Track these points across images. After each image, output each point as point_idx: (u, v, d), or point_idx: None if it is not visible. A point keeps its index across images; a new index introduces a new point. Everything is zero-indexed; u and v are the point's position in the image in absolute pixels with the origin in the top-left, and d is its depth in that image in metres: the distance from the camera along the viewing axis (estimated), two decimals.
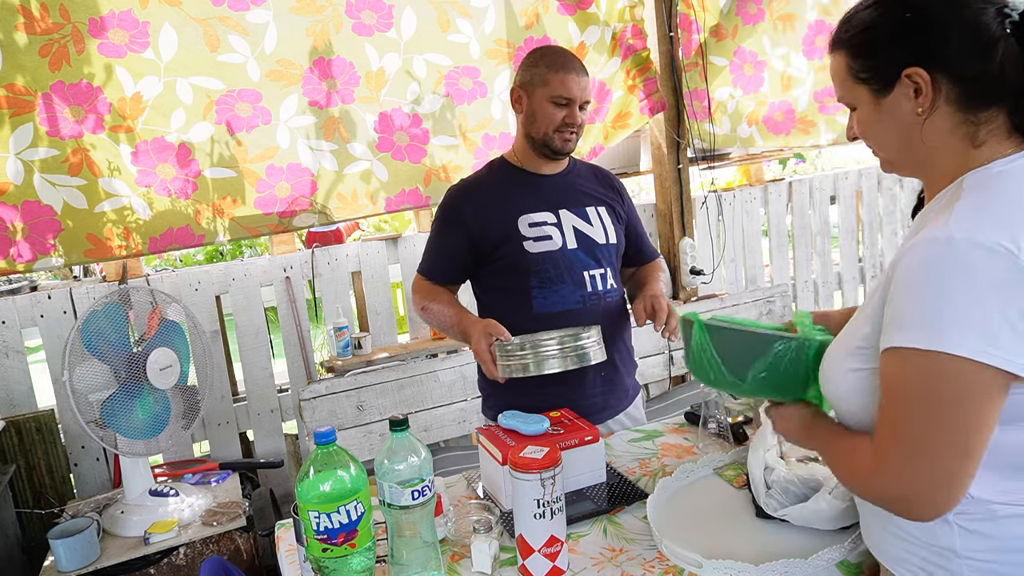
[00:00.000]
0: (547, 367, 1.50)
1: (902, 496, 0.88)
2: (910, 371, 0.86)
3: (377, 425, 2.62)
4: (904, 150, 0.97)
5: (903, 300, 0.86)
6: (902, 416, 0.87)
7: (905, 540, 0.98)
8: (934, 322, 0.83)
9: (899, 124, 0.95)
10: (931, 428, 0.85)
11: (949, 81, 0.90)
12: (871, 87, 0.95)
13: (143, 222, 2.38)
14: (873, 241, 4.23)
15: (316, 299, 3.31)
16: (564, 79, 1.69)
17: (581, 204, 1.81)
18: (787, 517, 1.24)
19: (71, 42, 2.21)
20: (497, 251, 1.75)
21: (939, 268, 0.83)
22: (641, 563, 1.19)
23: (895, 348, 0.86)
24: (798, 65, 3.57)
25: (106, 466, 2.59)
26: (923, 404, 0.85)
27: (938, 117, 0.92)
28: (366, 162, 2.69)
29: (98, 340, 2.05)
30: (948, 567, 0.93)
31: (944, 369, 0.83)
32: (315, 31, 2.54)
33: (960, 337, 0.81)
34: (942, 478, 0.85)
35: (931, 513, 0.87)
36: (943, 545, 0.93)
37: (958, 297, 0.82)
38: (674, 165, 3.31)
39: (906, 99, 0.92)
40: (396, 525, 1.11)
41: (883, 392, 0.90)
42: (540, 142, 1.75)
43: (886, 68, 0.93)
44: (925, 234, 0.87)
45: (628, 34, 3.10)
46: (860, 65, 0.96)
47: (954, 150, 0.93)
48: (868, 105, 0.97)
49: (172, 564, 2.10)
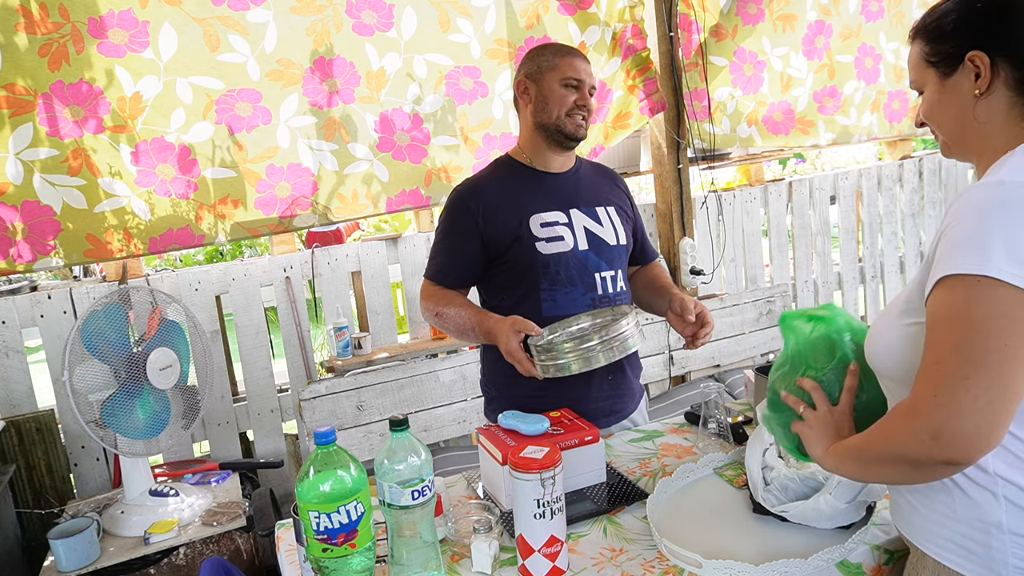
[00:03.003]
0: (592, 363, 1.43)
1: (938, 429, 0.84)
2: (954, 298, 0.87)
3: (377, 425, 2.62)
4: (959, 129, 1.03)
5: (952, 235, 0.90)
6: (945, 343, 0.87)
7: (942, 514, 0.97)
8: (981, 249, 0.85)
9: (958, 104, 1.01)
10: (968, 353, 0.84)
11: (1008, 66, 0.96)
12: (939, 70, 1.03)
13: (143, 222, 2.38)
14: (873, 241, 4.23)
15: (316, 299, 3.31)
16: (571, 62, 1.70)
17: (591, 204, 1.76)
18: (786, 514, 1.24)
19: (70, 42, 2.21)
20: (507, 252, 1.68)
21: (988, 203, 0.88)
22: (641, 563, 1.19)
23: (942, 279, 0.88)
24: (798, 65, 3.57)
25: (106, 466, 2.59)
26: (963, 329, 0.85)
27: (994, 98, 0.98)
28: (367, 162, 2.69)
29: (98, 340, 2.05)
30: (989, 543, 0.92)
31: (986, 293, 0.84)
32: (315, 31, 2.54)
33: (1004, 262, 0.84)
34: (981, 407, 0.82)
35: (968, 449, 0.83)
36: (986, 519, 0.92)
37: (1005, 228, 0.85)
38: (674, 165, 3.31)
39: (967, 81, 0.99)
40: (396, 525, 1.11)
41: (928, 324, 0.90)
42: (553, 127, 1.70)
43: (953, 51, 1.00)
44: (976, 183, 0.92)
45: (628, 34, 3.10)
46: (932, 49, 1.03)
47: (1007, 130, 0.99)
48: (934, 87, 1.04)
49: (172, 564, 2.10)
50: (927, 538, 1.00)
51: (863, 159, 7.95)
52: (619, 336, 1.44)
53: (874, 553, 1.17)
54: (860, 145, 4.94)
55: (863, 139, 3.91)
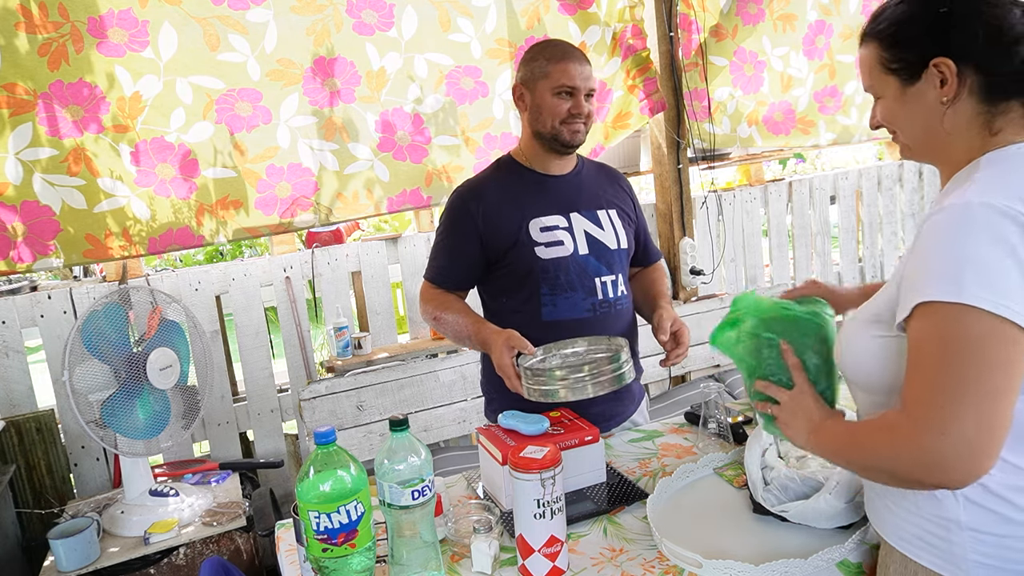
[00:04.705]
0: (579, 395, 1.41)
1: (936, 460, 0.85)
2: (932, 326, 0.87)
3: (377, 425, 2.62)
4: (925, 136, 1.03)
5: (925, 259, 0.90)
6: (927, 372, 0.88)
7: (907, 511, 1.00)
8: (955, 276, 0.86)
9: (923, 111, 1.00)
10: (956, 382, 0.85)
11: (974, 73, 0.95)
12: (900, 77, 1.01)
13: (143, 223, 2.38)
14: (873, 241, 4.23)
15: (316, 299, 3.31)
16: (565, 68, 1.63)
17: (592, 207, 1.74)
18: (785, 513, 1.24)
19: (70, 41, 2.21)
20: (507, 256, 1.67)
21: (958, 227, 0.88)
22: (641, 563, 1.19)
23: (920, 305, 0.89)
24: (798, 65, 3.57)
25: (106, 466, 2.59)
26: (946, 358, 0.86)
27: (960, 106, 0.97)
28: (367, 162, 2.69)
29: (98, 340, 2.05)
30: (949, 538, 0.95)
31: (964, 320, 0.85)
32: (315, 30, 2.54)
33: (979, 289, 0.84)
34: (971, 437, 0.83)
35: (963, 476, 0.85)
36: (947, 516, 0.95)
37: (976, 253, 0.85)
38: (674, 165, 3.31)
39: (932, 88, 0.98)
40: (396, 525, 1.11)
41: (910, 352, 0.91)
42: (549, 136, 1.68)
43: (916, 59, 0.99)
44: (944, 203, 0.92)
45: (628, 34, 3.10)
46: (892, 56, 1.01)
47: (971, 137, 0.98)
48: (895, 93, 1.03)
49: (172, 564, 2.10)
50: (895, 533, 1.03)
51: (863, 159, 7.94)
52: (615, 369, 1.42)
53: (874, 553, 1.17)
54: (860, 145, 4.93)
55: (863, 139, 3.91)
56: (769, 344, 1.15)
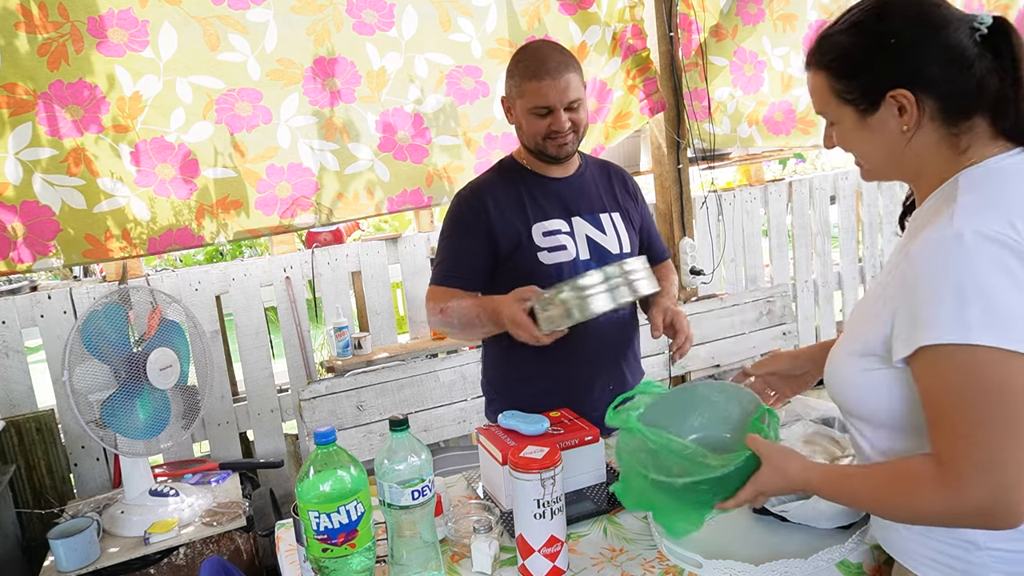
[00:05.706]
0: (594, 307, 1.35)
1: (982, 508, 0.84)
2: (947, 372, 0.85)
3: (377, 425, 2.62)
4: (890, 161, 1.01)
5: (923, 295, 0.87)
6: (954, 423, 0.86)
7: (919, 533, 0.98)
8: (959, 315, 0.84)
9: (885, 140, 0.99)
10: (987, 432, 0.83)
11: (932, 99, 0.94)
12: (857, 107, 0.99)
13: (143, 223, 2.38)
14: (873, 241, 4.23)
15: (316, 299, 3.31)
16: (538, 87, 1.58)
17: (594, 210, 1.72)
18: (786, 514, 1.24)
19: (70, 41, 2.21)
20: (511, 257, 1.66)
21: (953, 261, 0.85)
22: (641, 563, 1.19)
23: (927, 347, 0.86)
24: (798, 65, 3.56)
25: (106, 466, 2.59)
26: (968, 404, 0.84)
27: (923, 132, 0.96)
28: (368, 162, 2.69)
29: (98, 340, 2.05)
30: (968, 559, 0.93)
31: (978, 362, 0.83)
32: (316, 30, 2.54)
33: (986, 327, 0.83)
34: (1013, 480, 0.83)
35: (1014, 519, 0.84)
36: (965, 537, 0.93)
37: (976, 288, 0.84)
38: (674, 165, 3.31)
39: (892, 118, 0.96)
40: (396, 525, 1.11)
41: (928, 399, 0.89)
42: (535, 151, 1.68)
43: (871, 90, 0.96)
44: (930, 233, 0.89)
45: (628, 34, 3.10)
46: (844, 87, 0.99)
47: (941, 159, 0.97)
48: (852, 124, 1.01)
49: (172, 564, 2.10)
50: (909, 555, 1.01)
51: None
52: (627, 277, 1.36)
53: (874, 553, 1.17)
54: None
55: None
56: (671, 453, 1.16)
